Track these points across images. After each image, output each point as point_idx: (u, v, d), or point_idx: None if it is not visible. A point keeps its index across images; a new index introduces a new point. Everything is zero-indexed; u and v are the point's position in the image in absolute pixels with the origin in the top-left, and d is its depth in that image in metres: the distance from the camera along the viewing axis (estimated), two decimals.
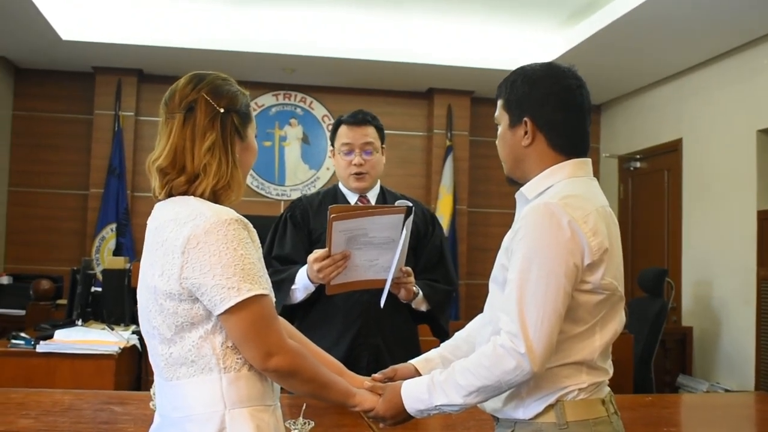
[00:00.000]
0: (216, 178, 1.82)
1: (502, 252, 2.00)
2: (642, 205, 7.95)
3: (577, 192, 1.94)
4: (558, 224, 1.85)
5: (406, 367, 2.26)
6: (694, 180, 7.01)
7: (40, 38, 6.84)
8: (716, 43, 6.33)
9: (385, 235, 2.71)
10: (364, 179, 3.21)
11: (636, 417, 2.99)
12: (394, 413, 2.02)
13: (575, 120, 2.02)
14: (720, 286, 6.59)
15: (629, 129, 8.18)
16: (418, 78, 7.93)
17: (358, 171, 3.19)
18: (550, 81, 2.01)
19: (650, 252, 7.59)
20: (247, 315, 1.73)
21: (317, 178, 8.27)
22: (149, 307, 1.82)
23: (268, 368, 1.77)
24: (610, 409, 1.98)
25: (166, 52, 7.11)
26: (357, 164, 3.18)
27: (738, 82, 6.41)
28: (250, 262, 1.75)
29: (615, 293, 1.96)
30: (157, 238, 1.80)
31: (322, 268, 2.74)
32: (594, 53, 6.57)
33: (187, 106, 1.85)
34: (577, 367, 1.93)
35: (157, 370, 1.86)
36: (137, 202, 7.85)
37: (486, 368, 1.86)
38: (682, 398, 4.56)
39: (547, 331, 1.82)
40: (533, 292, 1.83)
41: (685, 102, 7.16)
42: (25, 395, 3.00)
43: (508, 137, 2.07)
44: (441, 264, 3.30)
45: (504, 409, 1.99)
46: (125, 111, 7.88)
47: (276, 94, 8.29)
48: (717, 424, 3.16)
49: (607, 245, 1.90)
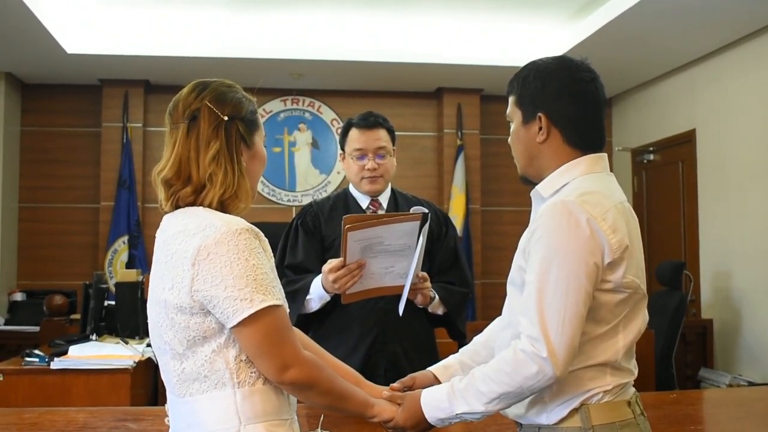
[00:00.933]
0: (223, 188, 1.78)
1: (519, 253, 1.94)
2: (657, 198, 7.87)
3: (594, 188, 1.89)
4: (576, 223, 1.80)
5: (424, 375, 2.22)
6: (709, 171, 6.93)
7: (45, 53, 6.83)
8: (728, 30, 6.25)
9: (401, 242, 2.66)
10: (378, 182, 3.18)
11: (661, 416, 2.93)
12: (414, 423, 1.97)
13: (590, 114, 1.97)
14: (739, 277, 6.50)
15: (641, 121, 8.10)
16: (427, 78, 7.89)
17: (372, 175, 3.16)
18: (563, 75, 1.96)
19: (667, 245, 7.51)
20: (260, 327, 1.69)
21: (328, 182, 8.23)
22: (160, 321, 1.77)
23: (284, 381, 1.73)
24: (637, 410, 1.93)
25: (172, 61, 7.10)
26: (370, 169, 3.15)
27: (750, 70, 6.32)
28: (262, 272, 1.71)
29: (637, 291, 1.91)
30: (166, 251, 1.76)
31: (337, 278, 2.70)
32: (603, 46, 6.50)
33: (191, 115, 1.81)
34: (600, 369, 1.88)
35: (170, 387, 1.82)
36: (148, 213, 7.83)
37: (507, 374, 1.81)
38: (708, 394, 4.49)
39: (569, 334, 1.77)
40: (553, 294, 1.78)
41: (697, 92, 7.08)
42: (39, 414, 2.96)
43: (522, 134, 2.01)
44: (456, 266, 3.26)
45: (527, 414, 1.94)
46: (133, 122, 7.87)
47: (284, 99, 8.26)
48: (744, 420, 3.08)
49: (627, 242, 1.85)
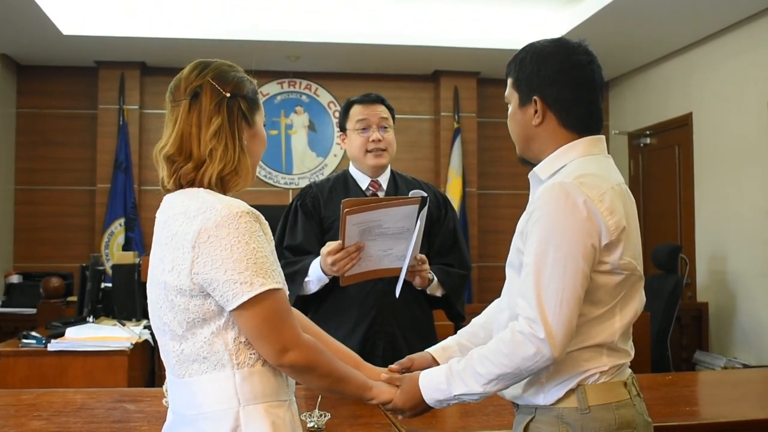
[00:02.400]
0: (222, 163, 1.78)
1: (517, 236, 1.95)
2: (653, 181, 7.88)
3: (591, 170, 1.89)
4: (573, 204, 1.81)
5: (422, 357, 2.22)
6: (705, 154, 6.93)
7: (40, 34, 6.80)
8: (724, 15, 6.24)
9: (399, 225, 2.67)
10: (383, 156, 3.16)
11: (656, 397, 2.95)
12: (413, 404, 1.98)
13: (586, 97, 1.97)
14: (734, 260, 6.52)
15: (638, 105, 8.10)
16: (424, 61, 7.87)
17: (377, 147, 3.13)
18: (559, 58, 1.96)
19: (663, 228, 7.53)
20: (260, 310, 1.69)
21: (325, 165, 8.22)
22: (160, 303, 1.78)
23: (283, 364, 1.74)
24: (633, 391, 1.95)
25: (168, 43, 7.07)
26: (375, 140, 3.13)
27: (747, 54, 6.32)
28: (262, 255, 1.71)
29: (634, 273, 1.92)
30: (166, 232, 1.76)
31: (336, 261, 2.71)
32: (600, 29, 6.47)
33: (193, 92, 1.81)
34: (597, 350, 1.90)
35: (169, 367, 1.82)
36: (145, 195, 7.83)
37: (505, 355, 1.83)
38: (703, 376, 4.50)
39: (566, 315, 1.78)
40: (551, 276, 1.79)
41: (693, 76, 7.07)
42: (36, 396, 2.97)
43: (519, 116, 2.02)
44: (455, 248, 3.26)
45: (524, 395, 1.96)
46: (129, 105, 7.84)
47: (281, 82, 8.24)
48: (739, 401, 3.10)
49: (624, 224, 1.86)
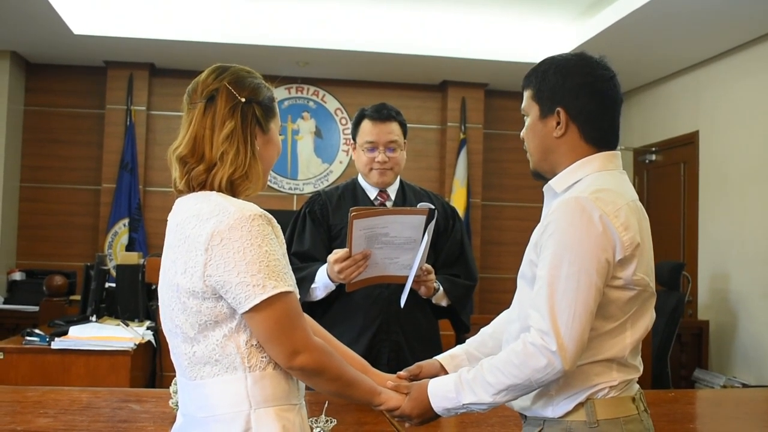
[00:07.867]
0: (233, 167, 1.78)
1: (531, 247, 1.95)
2: (658, 198, 7.87)
3: (607, 186, 1.90)
4: (589, 219, 1.81)
5: (431, 364, 2.22)
6: (710, 173, 6.94)
7: (51, 33, 6.81)
8: (733, 34, 6.26)
9: (406, 235, 2.68)
10: (386, 174, 3.18)
11: (660, 413, 2.94)
12: (421, 412, 1.98)
13: (608, 112, 1.98)
14: (737, 279, 6.52)
15: (645, 121, 8.10)
16: (432, 71, 7.88)
17: (382, 167, 3.15)
18: (583, 71, 1.97)
19: (666, 245, 7.51)
20: (272, 313, 1.69)
21: (330, 171, 8.23)
22: (172, 305, 1.78)
23: (293, 367, 1.74)
24: (641, 406, 1.96)
25: (178, 45, 7.08)
26: (380, 162, 3.14)
27: (756, 74, 6.33)
28: (274, 258, 1.71)
29: (646, 289, 1.93)
30: (178, 235, 1.77)
31: (342, 269, 2.73)
32: (609, 45, 6.46)
33: (209, 95, 1.82)
34: (607, 365, 1.90)
35: (180, 370, 1.82)
36: (150, 196, 7.82)
37: (516, 366, 1.83)
38: (704, 394, 4.51)
39: (578, 329, 1.79)
40: (564, 289, 1.80)
41: (701, 94, 7.08)
42: (42, 393, 2.97)
43: (539, 128, 2.02)
44: (461, 259, 3.27)
45: (533, 407, 1.96)
46: (137, 105, 7.85)
47: (288, 87, 8.26)
48: (742, 420, 3.11)
49: (638, 240, 1.87)
